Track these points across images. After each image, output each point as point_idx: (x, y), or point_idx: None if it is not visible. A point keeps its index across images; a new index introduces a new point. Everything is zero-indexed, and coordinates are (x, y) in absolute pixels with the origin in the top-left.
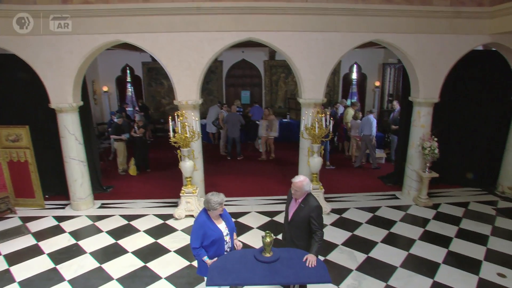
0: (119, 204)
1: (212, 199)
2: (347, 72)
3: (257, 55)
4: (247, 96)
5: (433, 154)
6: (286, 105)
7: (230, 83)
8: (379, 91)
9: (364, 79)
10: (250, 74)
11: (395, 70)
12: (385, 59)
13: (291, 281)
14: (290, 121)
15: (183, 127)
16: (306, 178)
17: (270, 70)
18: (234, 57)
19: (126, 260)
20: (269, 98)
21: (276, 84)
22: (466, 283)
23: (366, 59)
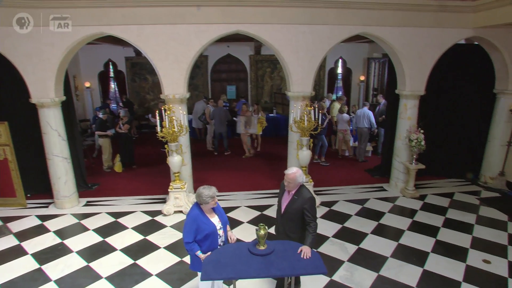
0: (105, 202)
1: (204, 193)
2: (333, 67)
3: (242, 50)
4: (233, 91)
5: (420, 146)
6: (272, 99)
7: (216, 78)
8: (364, 85)
9: (349, 74)
10: (236, 69)
11: (380, 65)
12: (369, 54)
13: (287, 273)
14: (276, 115)
15: (170, 121)
16: (299, 169)
17: (256, 64)
18: (220, 51)
19: (115, 258)
20: (255, 93)
21: (262, 79)
22: (454, 270)
23: (351, 54)
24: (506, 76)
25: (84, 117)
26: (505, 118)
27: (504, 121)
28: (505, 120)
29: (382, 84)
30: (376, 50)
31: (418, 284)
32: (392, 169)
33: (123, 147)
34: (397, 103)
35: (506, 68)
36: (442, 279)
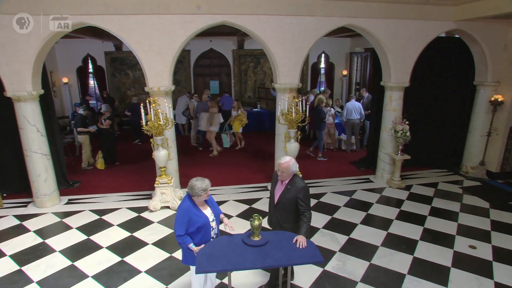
0: (88, 199)
1: (197, 185)
2: (316, 61)
3: (225, 44)
4: (216, 86)
5: (405, 137)
6: (256, 94)
7: (198, 73)
8: (347, 80)
9: (332, 68)
10: (219, 64)
11: (362, 59)
12: (352, 48)
13: (283, 263)
14: (260, 110)
15: (155, 114)
16: (292, 158)
17: (239, 59)
18: (202, 46)
19: (101, 256)
20: (238, 88)
21: (246, 73)
22: (443, 256)
23: (333, 49)
24: (485, 68)
25: (62, 114)
26: (485, 109)
27: (483, 112)
28: (485, 111)
29: (365, 78)
30: (358, 44)
31: (410, 271)
32: (378, 161)
33: (105, 144)
34: (382, 96)
35: (485, 60)
36: (431, 266)
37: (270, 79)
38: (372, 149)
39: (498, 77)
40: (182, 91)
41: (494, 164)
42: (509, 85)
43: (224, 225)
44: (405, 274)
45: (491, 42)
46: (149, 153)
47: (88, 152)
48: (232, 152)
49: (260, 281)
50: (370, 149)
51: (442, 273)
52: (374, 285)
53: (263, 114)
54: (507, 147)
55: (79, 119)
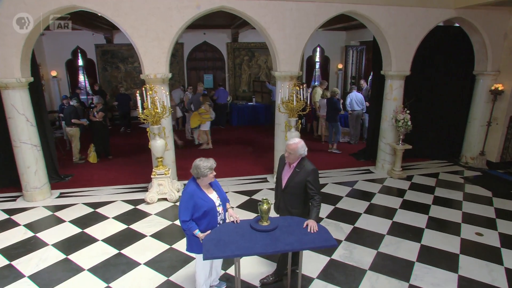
0: (81, 193)
1: (201, 164)
2: (311, 55)
3: (219, 37)
4: (210, 80)
5: (407, 126)
6: (250, 88)
7: (192, 66)
8: (342, 74)
9: (327, 62)
10: (213, 57)
11: (357, 53)
12: (347, 42)
13: (295, 248)
14: (255, 104)
15: (152, 102)
16: (301, 140)
17: (233, 53)
18: (196, 39)
19: (97, 248)
20: (232, 82)
21: (240, 67)
22: (451, 244)
23: (329, 42)
24: (485, 57)
25: (51, 108)
26: (485, 98)
27: (483, 102)
28: (485, 101)
29: (360, 72)
30: (353, 37)
31: (418, 259)
32: (379, 151)
33: (97, 137)
34: (381, 86)
35: (485, 49)
36: (440, 253)
37: (265, 73)
38: (371, 140)
39: (498, 66)
40: (175, 85)
41: (494, 154)
42: (509, 74)
43: (228, 216)
44: (414, 261)
45: (491, 31)
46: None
47: (78, 145)
48: (229, 146)
49: (266, 270)
50: (369, 140)
51: (451, 260)
52: (384, 273)
53: (258, 108)
54: (507, 137)
55: (72, 111)
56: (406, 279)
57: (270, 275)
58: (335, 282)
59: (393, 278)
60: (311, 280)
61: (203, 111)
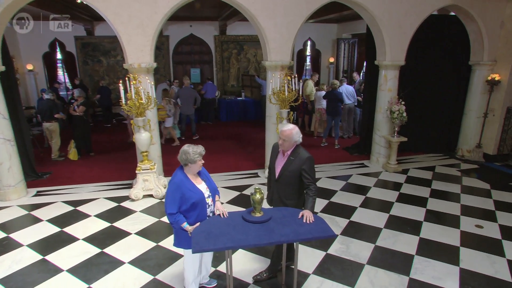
0: (61, 190)
1: (190, 149)
2: (301, 48)
3: (206, 30)
4: (197, 74)
5: (402, 117)
6: (239, 83)
7: (178, 60)
8: (334, 68)
9: (318, 55)
10: (200, 51)
11: (349, 46)
12: (338, 34)
13: (291, 239)
14: (245, 99)
15: (136, 92)
16: (295, 127)
17: (221, 46)
18: (182, 31)
19: (78, 248)
20: (220, 76)
21: (228, 61)
22: (450, 236)
23: (320, 35)
24: (481, 47)
25: (27, 104)
26: (481, 89)
27: (480, 93)
28: (481, 92)
29: (352, 65)
30: (345, 30)
31: (417, 252)
32: (373, 144)
33: (78, 132)
34: (375, 77)
35: (482, 38)
36: (439, 246)
37: (254, 67)
38: (365, 134)
39: (494, 56)
40: (160, 79)
41: (491, 146)
42: (506, 63)
43: (215, 209)
44: (413, 254)
45: (488, 19)
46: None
47: (59, 141)
48: (218, 141)
49: (259, 267)
50: (363, 133)
51: (452, 252)
52: (382, 267)
53: (247, 102)
54: (504, 128)
55: (52, 105)
56: (406, 273)
57: (264, 271)
58: (332, 277)
59: (392, 272)
60: (307, 276)
61: (160, 107)
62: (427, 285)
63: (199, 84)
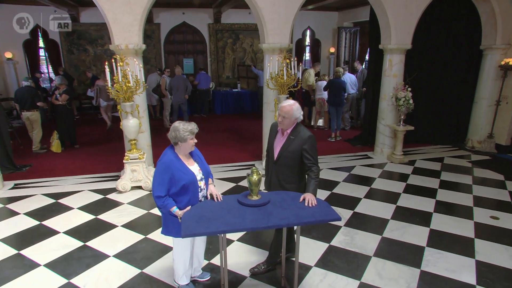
0: (41, 183)
1: (181, 126)
2: (300, 38)
3: (200, 18)
4: (190, 64)
5: (408, 104)
6: (235, 74)
7: (170, 50)
8: (334, 58)
9: (318, 45)
10: (193, 40)
11: (351, 35)
12: (339, 23)
13: (291, 222)
14: (241, 91)
15: (124, 75)
16: (296, 102)
17: (215, 35)
18: (174, 19)
19: (57, 241)
20: (215, 67)
21: (223, 51)
22: (463, 228)
23: (320, 24)
24: (494, 30)
25: (6, 95)
26: (493, 75)
27: (492, 79)
28: (493, 78)
29: (354, 56)
30: (346, 18)
31: (428, 243)
32: (377, 134)
33: (61, 123)
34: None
35: (495, 20)
36: (452, 237)
37: (250, 57)
38: (369, 124)
39: (508, 39)
40: (151, 70)
41: (504, 137)
42: None
43: (208, 193)
44: (424, 246)
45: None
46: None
47: (40, 132)
48: (212, 133)
49: (256, 260)
50: (366, 124)
51: (466, 244)
52: (391, 259)
53: (243, 94)
54: None
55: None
56: (416, 265)
57: (262, 263)
58: (336, 270)
59: (402, 264)
60: (309, 268)
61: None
62: (440, 278)
63: (191, 75)
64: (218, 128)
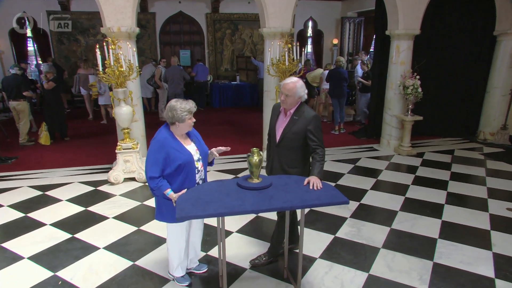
0: (27, 175)
1: (178, 105)
2: (302, 29)
3: (197, 7)
4: (187, 56)
5: (417, 93)
6: (233, 67)
7: (166, 41)
8: (338, 50)
9: (321, 37)
10: (190, 30)
11: (355, 26)
12: (343, 13)
13: (295, 205)
14: (240, 83)
15: (116, 59)
16: (299, 79)
17: (213, 25)
18: (170, 9)
19: (43, 233)
20: (213, 59)
21: (221, 42)
22: (478, 220)
23: (322, 14)
24: (509, 13)
25: None
26: (508, 63)
27: (506, 67)
28: (508, 66)
29: (358, 48)
30: (350, 8)
31: (441, 235)
32: (384, 125)
33: (50, 113)
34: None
35: (510, 3)
36: (467, 229)
37: (250, 49)
38: (374, 116)
39: None
40: (146, 62)
41: None
42: None
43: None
44: (436, 238)
45: None
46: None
47: (28, 123)
48: (209, 126)
49: (256, 251)
50: (371, 116)
51: (482, 236)
52: (401, 251)
53: (242, 87)
54: None
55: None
56: (428, 257)
57: (263, 254)
58: (343, 261)
59: (413, 256)
60: (313, 260)
61: (94, 83)
62: (455, 270)
63: (188, 67)
64: (216, 121)
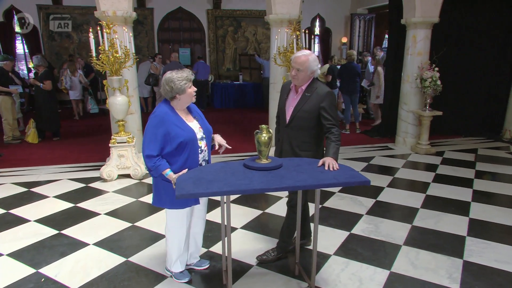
0: (12, 172)
1: (174, 75)
2: (309, 27)
3: (198, 3)
4: (187, 55)
5: (435, 86)
6: (236, 66)
7: (164, 38)
8: (347, 49)
9: (329, 35)
10: (190, 27)
11: (365, 23)
12: (353, 9)
13: (309, 184)
14: (243, 83)
15: (111, 44)
16: (312, 53)
17: (215, 22)
18: (168, 4)
19: (25, 230)
20: (214, 58)
21: (223, 40)
22: (510, 218)
23: (330, 11)
24: None
25: None
26: None
27: None
28: None
29: (368, 46)
30: (361, 3)
31: (469, 233)
32: (399, 122)
33: (40, 108)
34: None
35: None
36: (499, 227)
37: (253, 47)
38: (388, 112)
39: None
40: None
41: None
42: None
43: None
44: (465, 236)
45: None
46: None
47: (10, 120)
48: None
49: (263, 247)
50: (385, 114)
51: None
52: (425, 248)
53: (246, 87)
54: None
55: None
56: (457, 255)
57: (271, 250)
58: (360, 258)
59: (439, 254)
60: (327, 257)
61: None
62: (490, 269)
63: (188, 66)
64: (218, 120)
